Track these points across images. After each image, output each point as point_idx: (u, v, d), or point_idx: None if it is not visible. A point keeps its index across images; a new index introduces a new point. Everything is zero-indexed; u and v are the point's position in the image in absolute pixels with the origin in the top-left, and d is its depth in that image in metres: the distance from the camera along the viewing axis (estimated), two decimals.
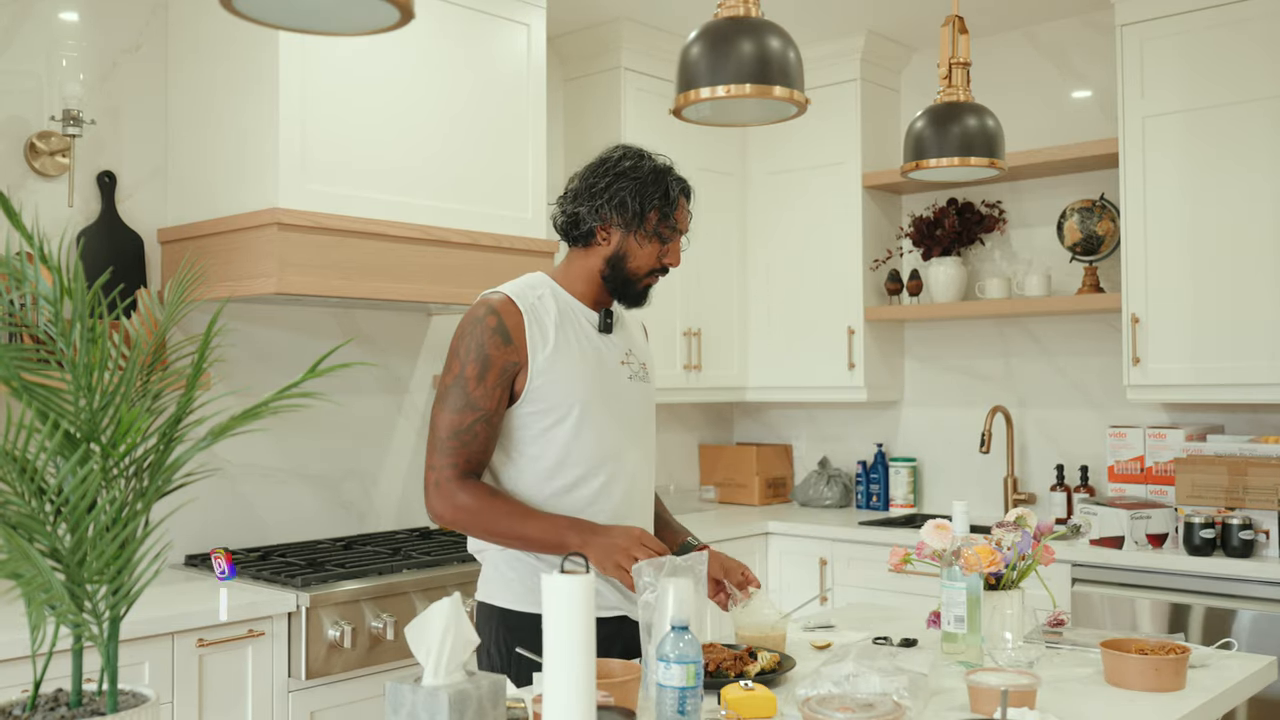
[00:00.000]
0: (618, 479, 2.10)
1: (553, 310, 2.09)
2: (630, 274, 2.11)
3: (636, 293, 2.14)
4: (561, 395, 2.05)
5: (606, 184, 2.09)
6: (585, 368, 2.08)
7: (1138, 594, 3.33)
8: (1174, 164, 3.55)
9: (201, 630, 2.54)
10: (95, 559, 1.14)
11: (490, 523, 2.00)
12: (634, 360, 2.19)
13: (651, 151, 2.15)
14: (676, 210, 2.10)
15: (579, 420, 2.06)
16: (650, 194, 2.07)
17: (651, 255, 2.11)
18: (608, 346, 2.14)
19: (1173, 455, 3.58)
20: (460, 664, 1.38)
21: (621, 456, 2.11)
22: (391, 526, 3.67)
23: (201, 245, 3.02)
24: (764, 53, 1.90)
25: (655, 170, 2.10)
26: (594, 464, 2.07)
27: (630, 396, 2.15)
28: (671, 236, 2.11)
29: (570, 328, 2.10)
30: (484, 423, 2.02)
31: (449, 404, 2.03)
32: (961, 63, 2.60)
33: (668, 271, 2.15)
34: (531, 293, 2.10)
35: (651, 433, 2.22)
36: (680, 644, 1.57)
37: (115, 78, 3.12)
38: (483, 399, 2.02)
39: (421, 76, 3.20)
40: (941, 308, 4.17)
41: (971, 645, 2.00)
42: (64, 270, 1.19)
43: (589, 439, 2.06)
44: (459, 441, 2.01)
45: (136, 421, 1.16)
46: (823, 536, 4.01)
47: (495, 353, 2.02)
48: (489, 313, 2.04)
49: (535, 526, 1.99)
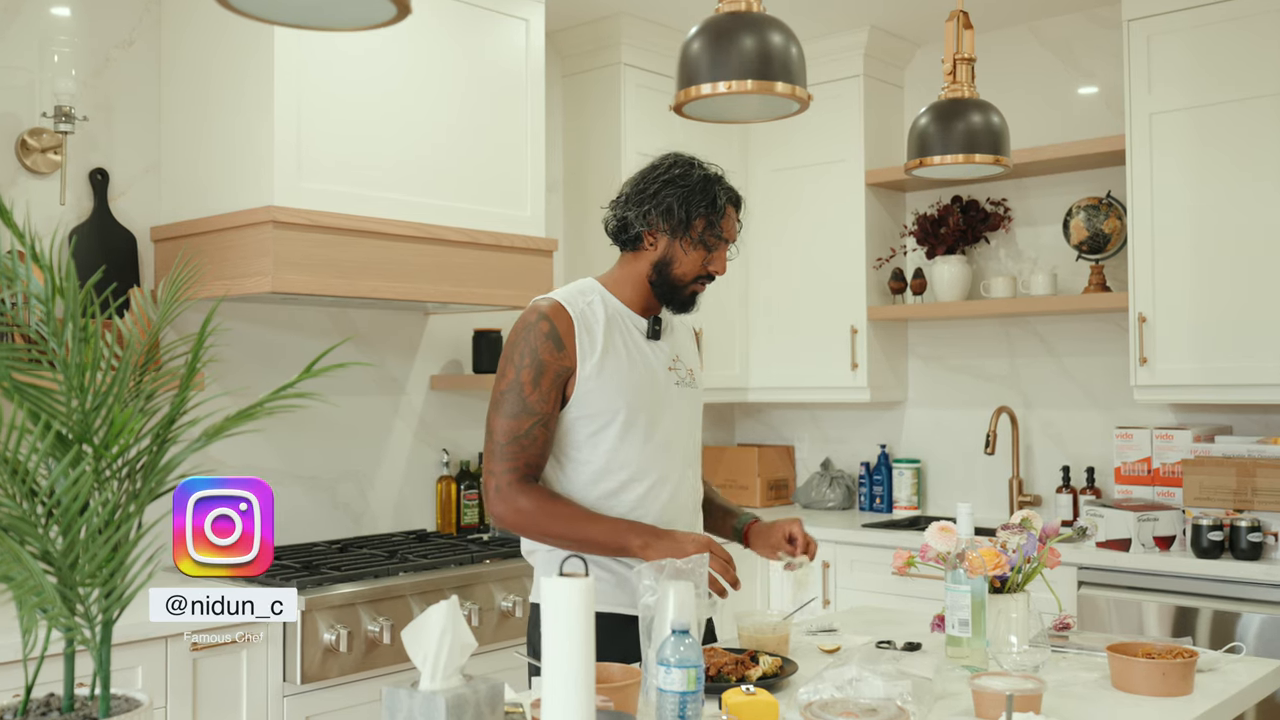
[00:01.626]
0: (663, 484, 2.13)
1: (601, 316, 2.12)
2: (676, 280, 2.16)
3: (683, 299, 2.19)
4: (608, 401, 2.08)
5: (655, 190, 2.14)
6: (633, 374, 2.11)
7: (1145, 597, 3.32)
8: (1182, 161, 3.55)
9: (196, 634, 2.54)
10: (87, 562, 1.14)
11: (550, 525, 2.05)
12: (681, 366, 2.23)
13: (704, 160, 2.20)
14: (723, 219, 2.14)
15: (625, 425, 2.09)
16: (697, 201, 2.12)
17: (697, 262, 2.15)
18: (655, 353, 2.18)
19: (1180, 456, 3.57)
20: (458, 668, 1.38)
21: (667, 462, 2.14)
22: (388, 529, 3.67)
23: (195, 243, 3.01)
24: (766, 48, 1.90)
25: (705, 179, 2.15)
26: (639, 469, 2.10)
27: (677, 403, 2.19)
28: (717, 245, 2.16)
29: (618, 334, 2.13)
30: (541, 426, 2.06)
31: (505, 409, 2.06)
32: (966, 58, 2.60)
33: (714, 279, 2.20)
34: (581, 299, 2.14)
35: (697, 438, 2.27)
36: (681, 648, 1.57)
37: (108, 73, 3.12)
38: (539, 403, 2.05)
39: (419, 72, 3.20)
40: (946, 307, 4.17)
41: (976, 649, 2.00)
42: (56, 269, 1.19)
43: (635, 444, 2.10)
44: (518, 446, 2.05)
45: (129, 422, 1.16)
46: (825, 539, 4.00)
47: (549, 357, 2.06)
48: (541, 318, 2.08)
49: (596, 529, 2.04)
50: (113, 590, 1.16)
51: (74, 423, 1.15)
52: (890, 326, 4.42)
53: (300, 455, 3.44)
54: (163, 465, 1.20)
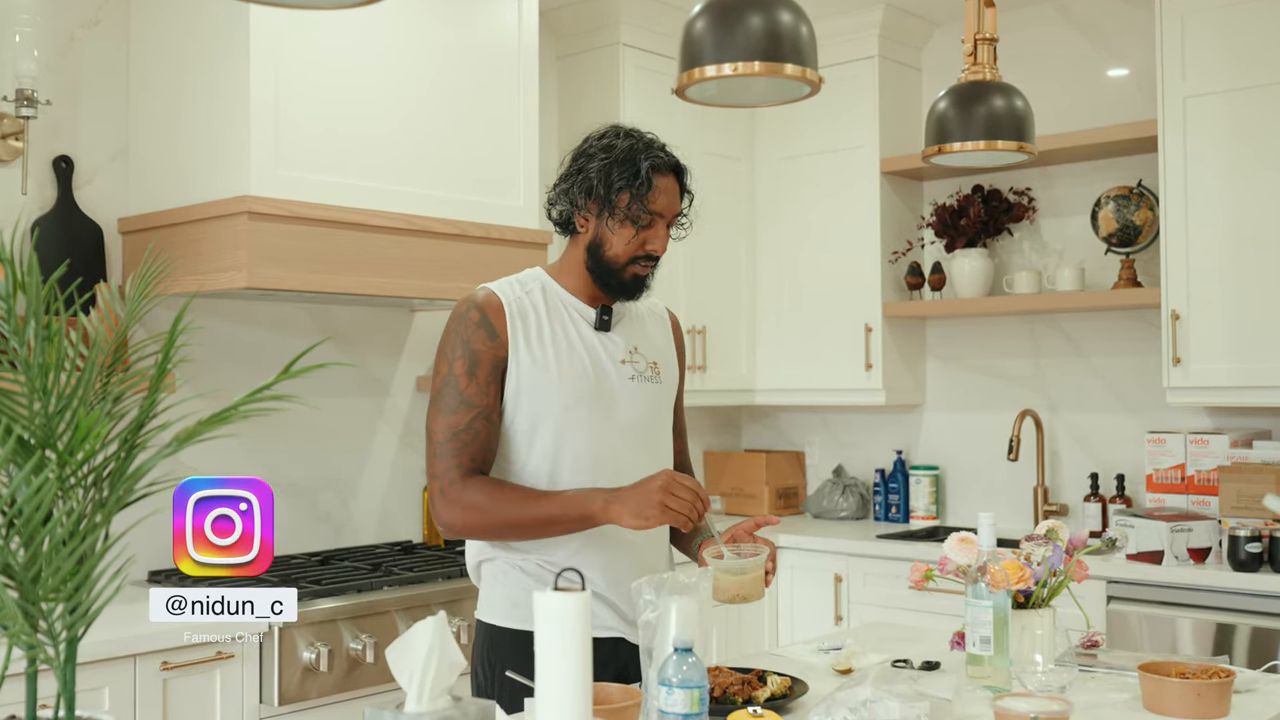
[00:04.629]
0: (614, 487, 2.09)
1: (541, 305, 2.11)
2: (609, 263, 2.10)
3: (623, 283, 2.12)
4: (544, 396, 2.06)
5: (580, 166, 2.11)
6: (572, 366, 2.09)
7: (1178, 613, 3.32)
8: (1217, 148, 3.55)
9: (166, 652, 2.54)
10: (51, 575, 1.14)
11: (504, 511, 2.00)
12: (640, 359, 2.18)
13: (644, 131, 2.14)
14: (651, 190, 2.06)
15: (564, 423, 2.07)
16: (619, 173, 2.06)
17: (628, 241, 2.08)
18: (606, 345, 2.14)
19: (1216, 463, 3.57)
20: (446, 689, 1.38)
21: (619, 462, 2.10)
22: (371, 540, 3.67)
23: (166, 236, 3.02)
24: (774, 28, 1.90)
25: (630, 148, 2.08)
26: (585, 470, 2.08)
27: (632, 398, 2.15)
28: (648, 220, 2.08)
29: (559, 324, 2.11)
30: (483, 420, 2.04)
31: (443, 406, 2.04)
32: (988, 38, 2.60)
33: (656, 260, 2.13)
34: (519, 287, 2.13)
35: (662, 436, 2.23)
36: (684, 667, 1.57)
37: (72, 55, 3.12)
38: (477, 396, 2.03)
39: (404, 54, 3.20)
40: (966, 303, 4.17)
41: (998, 669, 2.00)
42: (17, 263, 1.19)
43: (578, 443, 2.07)
44: (459, 443, 2.02)
45: (96, 426, 1.16)
46: (838, 551, 4.01)
47: (481, 347, 2.04)
48: (471, 307, 2.07)
49: (552, 505, 1.99)
50: (78, 606, 1.16)
51: (36, 427, 1.15)
52: (907, 324, 4.42)
53: (278, 462, 3.44)
54: (131, 472, 1.20)
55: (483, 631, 2.12)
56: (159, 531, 3.45)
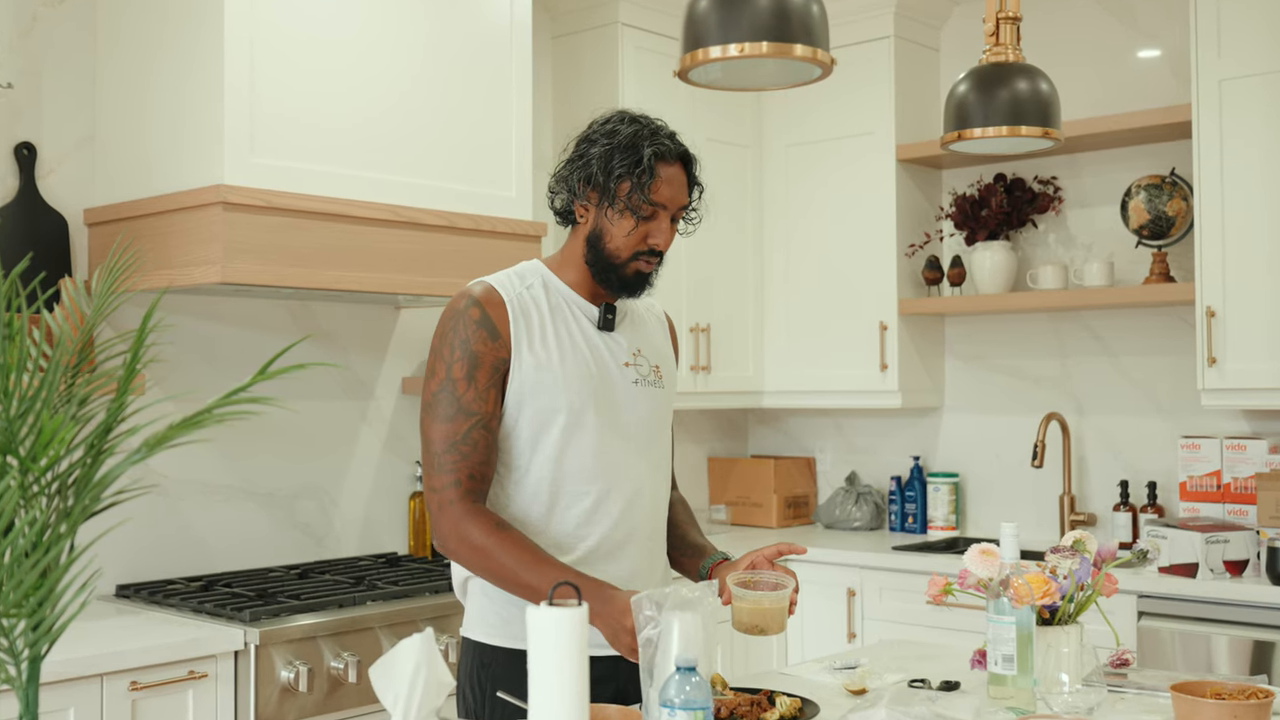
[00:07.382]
0: (615, 495, 2.11)
1: (543, 302, 2.11)
2: (610, 256, 2.10)
3: (624, 279, 2.12)
4: (548, 400, 2.06)
5: (581, 152, 2.10)
6: (578, 368, 2.09)
7: (1213, 629, 3.33)
8: (1255, 134, 3.55)
9: (135, 671, 2.54)
10: (12, 589, 1.14)
11: (500, 568, 1.99)
12: (643, 362, 2.19)
13: (653, 117, 2.14)
14: (654, 180, 2.05)
15: (568, 428, 2.07)
16: (620, 160, 2.05)
17: (630, 233, 2.08)
18: (610, 345, 2.15)
19: (1254, 469, 3.58)
20: (433, 710, 1.38)
21: (621, 470, 2.11)
22: (354, 552, 3.68)
23: (135, 227, 3.02)
24: (783, 6, 1.90)
25: (634, 134, 2.07)
26: (588, 478, 2.08)
27: (635, 402, 2.16)
28: (650, 211, 2.07)
29: (562, 323, 2.11)
30: (481, 429, 2.04)
31: (439, 413, 2.04)
32: (1010, 17, 2.60)
33: (660, 256, 2.12)
34: (520, 282, 2.12)
35: (663, 443, 2.23)
36: (687, 687, 1.57)
37: (35, 35, 3.12)
38: (475, 402, 2.03)
39: (388, 34, 3.20)
40: (987, 300, 4.17)
41: (1022, 689, 2.00)
42: None
43: (582, 449, 2.08)
44: (457, 454, 2.03)
45: (60, 431, 1.16)
46: (851, 564, 4.01)
47: (482, 348, 2.04)
48: (471, 304, 2.06)
49: (544, 580, 1.93)
50: (41, 622, 1.16)
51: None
52: (924, 322, 4.42)
53: (254, 468, 3.44)
54: (98, 480, 1.20)
55: (471, 650, 2.12)
56: (128, 543, 3.46)
